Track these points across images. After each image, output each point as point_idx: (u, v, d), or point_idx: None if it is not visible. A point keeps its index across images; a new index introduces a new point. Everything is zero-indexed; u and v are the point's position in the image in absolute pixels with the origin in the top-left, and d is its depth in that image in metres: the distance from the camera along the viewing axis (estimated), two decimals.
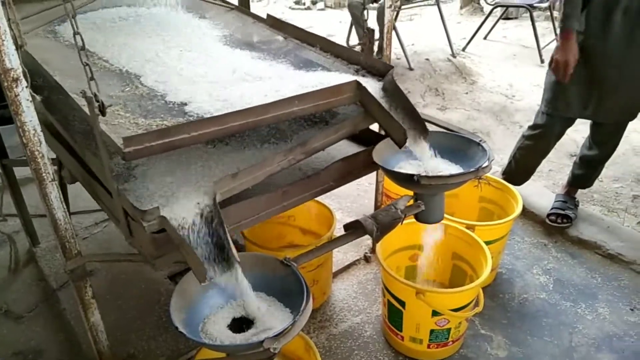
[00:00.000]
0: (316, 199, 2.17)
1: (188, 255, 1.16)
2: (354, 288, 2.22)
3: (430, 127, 1.77)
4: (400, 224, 1.47)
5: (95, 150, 1.32)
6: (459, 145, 1.64)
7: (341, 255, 2.36)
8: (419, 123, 1.45)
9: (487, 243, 1.94)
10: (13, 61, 1.15)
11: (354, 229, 1.48)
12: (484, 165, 1.49)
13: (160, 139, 1.16)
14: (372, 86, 1.50)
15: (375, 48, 2.19)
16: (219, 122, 1.24)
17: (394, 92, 1.48)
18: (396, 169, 1.55)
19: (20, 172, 2.33)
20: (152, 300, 2.15)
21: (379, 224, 1.44)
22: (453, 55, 4.76)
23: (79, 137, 1.45)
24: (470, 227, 2.01)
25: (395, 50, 4.71)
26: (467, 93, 4.18)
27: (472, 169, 1.47)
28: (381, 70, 1.57)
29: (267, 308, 1.40)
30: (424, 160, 1.50)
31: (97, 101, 1.14)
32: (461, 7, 6.54)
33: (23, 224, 2.38)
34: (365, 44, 1.99)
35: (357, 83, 1.45)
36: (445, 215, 2.01)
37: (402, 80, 4.23)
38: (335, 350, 1.92)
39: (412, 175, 1.43)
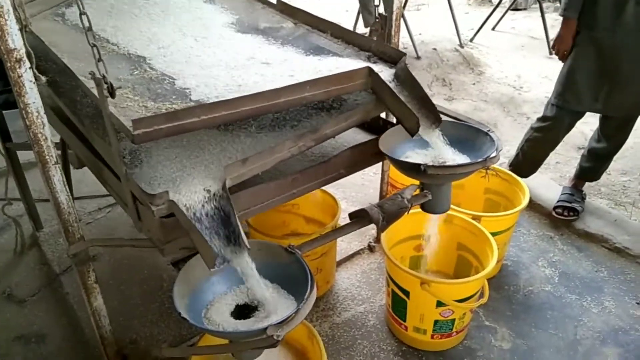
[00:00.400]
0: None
1: (197, 240, 1.15)
2: (358, 277, 2.21)
3: None
4: (406, 213, 1.45)
5: (104, 133, 1.31)
6: (467, 135, 1.62)
7: (345, 245, 2.34)
8: (432, 111, 1.43)
9: (493, 234, 1.92)
10: (16, 41, 1.14)
11: (359, 218, 1.46)
12: (492, 155, 1.47)
13: (169, 122, 1.15)
14: (384, 73, 1.49)
15: None
16: (229, 106, 1.22)
17: (406, 79, 1.46)
18: (402, 159, 1.54)
19: (23, 156, 2.32)
20: (155, 286, 2.15)
21: (385, 213, 1.42)
22: (461, 45, 4.71)
23: (87, 121, 1.44)
24: (476, 218, 1.99)
25: (402, 39, 4.66)
26: (474, 84, 4.14)
27: (479, 159, 1.45)
28: (393, 57, 1.55)
29: (271, 295, 1.39)
30: (438, 149, 1.48)
31: (106, 83, 1.13)
32: None
33: (26, 208, 2.37)
34: (377, 30, 1.96)
35: (370, 69, 1.43)
36: (451, 206, 2.00)
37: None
38: (338, 339, 1.91)
39: (418, 165, 1.42)
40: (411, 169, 1.47)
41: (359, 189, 2.84)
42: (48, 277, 2.22)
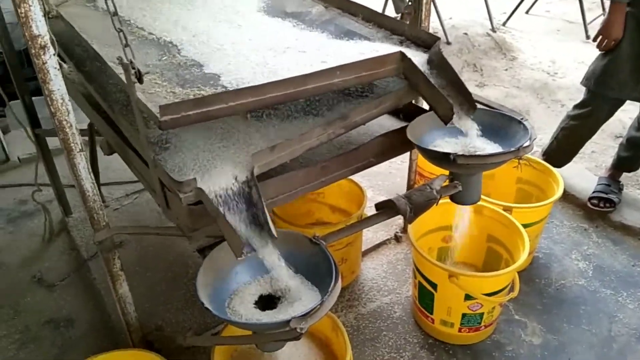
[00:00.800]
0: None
1: (224, 228, 1.14)
2: (384, 268, 2.17)
3: None
4: (435, 204, 1.40)
5: (132, 119, 1.31)
6: (499, 123, 1.57)
7: (371, 234, 2.30)
8: (467, 98, 1.38)
9: (525, 226, 1.86)
10: (40, 28, 1.13)
11: (386, 209, 1.42)
12: (525, 144, 1.41)
13: (197, 108, 1.14)
14: (417, 58, 1.44)
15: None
16: (257, 93, 1.20)
17: (440, 64, 1.41)
18: (431, 147, 1.49)
19: (53, 142, 2.34)
20: (180, 273, 2.16)
21: (413, 204, 1.37)
22: (493, 29, 4.56)
23: (117, 107, 1.45)
24: (507, 209, 1.93)
25: (431, 24, 4.54)
26: (506, 69, 4.02)
27: (512, 149, 1.39)
28: (427, 42, 1.50)
29: (295, 286, 1.37)
30: (471, 138, 1.43)
31: (133, 68, 1.12)
32: None
33: (56, 194, 2.40)
34: (410, 14, 1.91)
35: (402, 54, 1.39)
36: (481, 197, 1.94)
37: None
38: (363, 330, 1.89)
39: (448, 154, 1.37)
40: (440, 158, 1.42)
41: (386, 177, 2.79)
42: (77, 262, 2.25)
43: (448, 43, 4.24)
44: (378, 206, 1.46)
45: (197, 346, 1.68)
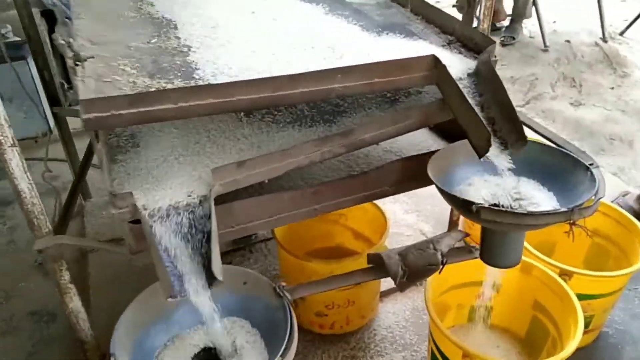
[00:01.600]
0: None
1: (155, 260, 0.91)
2: (406, 315, 1.81)
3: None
4: (438, 272, 1.04)
5: None
6: (561, 165, 1.18)
7: None
8: (515, 126, 1.02)
9: (590, 297, 1.44)
10: None
11: (376, 266, 1.08)
12: (584, 204, 1.00)
13: (133, 107, 0.91)
14: (462, 65, 1.11)
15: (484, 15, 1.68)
16: (219, 93, 0.94)
17: (488, 77, 1.05)
18: (457, 190, 1.12)
19: (74, 123, 2.22)
20: None
21: (408, 266, 1.02)
22: (604, 39, 3.90)
23: None
24: (567, 274, 1.48)
25: (530, 27, 3.99)
26: (613, 88, 3.39)
27: (562, 209, 1.00)
28: (479, 45, 1.15)
29: (244, 345, 1.09)
30: (506, 179, 1.06)
31: (73, 51, 0.92)
32: None
33: (74, 176, 2.29)
34: (463, 8, 1.54)
35: (435, 59, 1.05)
36: (536, 252, 1.53)
37: (531, 63, 3.54)
38: None
39: (470, 204, 1.00)
40: (462, 206, 1.05)
41: (436, 201, 2.36)
42: (80, 252, 2.11)
43: (545, 50, 3.66)
44: (369, 259, 1.12)
45: None
